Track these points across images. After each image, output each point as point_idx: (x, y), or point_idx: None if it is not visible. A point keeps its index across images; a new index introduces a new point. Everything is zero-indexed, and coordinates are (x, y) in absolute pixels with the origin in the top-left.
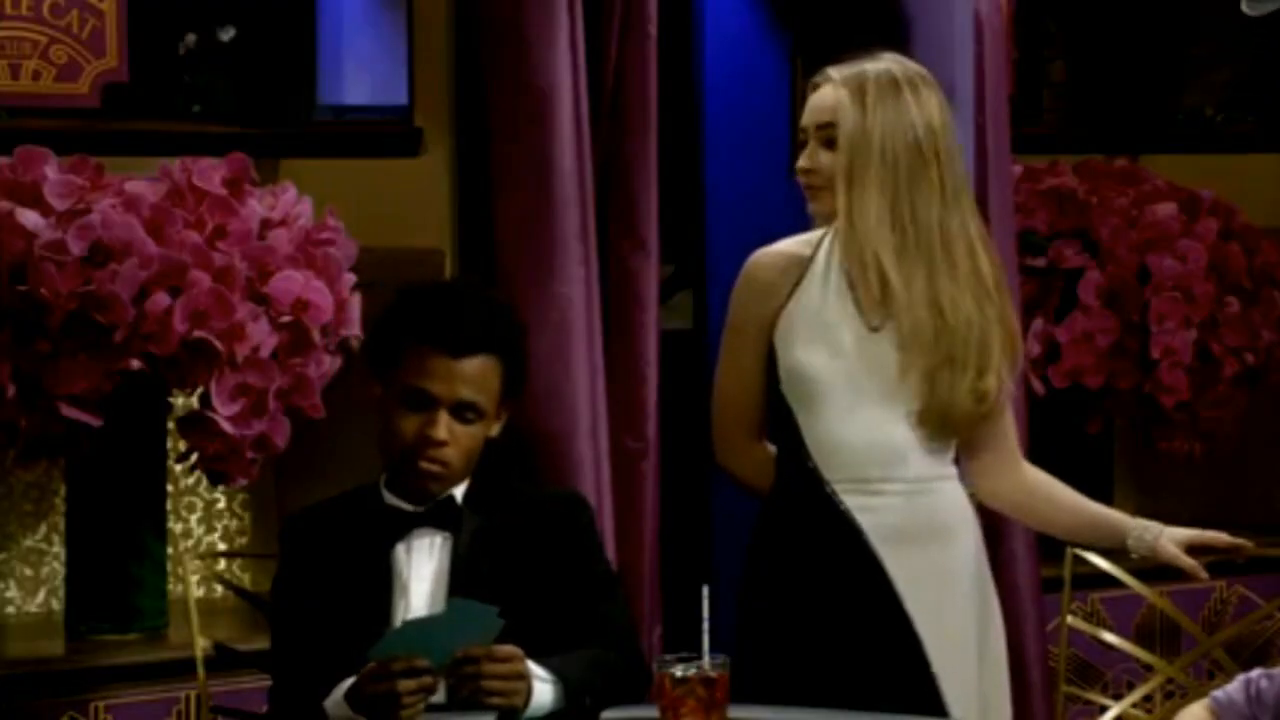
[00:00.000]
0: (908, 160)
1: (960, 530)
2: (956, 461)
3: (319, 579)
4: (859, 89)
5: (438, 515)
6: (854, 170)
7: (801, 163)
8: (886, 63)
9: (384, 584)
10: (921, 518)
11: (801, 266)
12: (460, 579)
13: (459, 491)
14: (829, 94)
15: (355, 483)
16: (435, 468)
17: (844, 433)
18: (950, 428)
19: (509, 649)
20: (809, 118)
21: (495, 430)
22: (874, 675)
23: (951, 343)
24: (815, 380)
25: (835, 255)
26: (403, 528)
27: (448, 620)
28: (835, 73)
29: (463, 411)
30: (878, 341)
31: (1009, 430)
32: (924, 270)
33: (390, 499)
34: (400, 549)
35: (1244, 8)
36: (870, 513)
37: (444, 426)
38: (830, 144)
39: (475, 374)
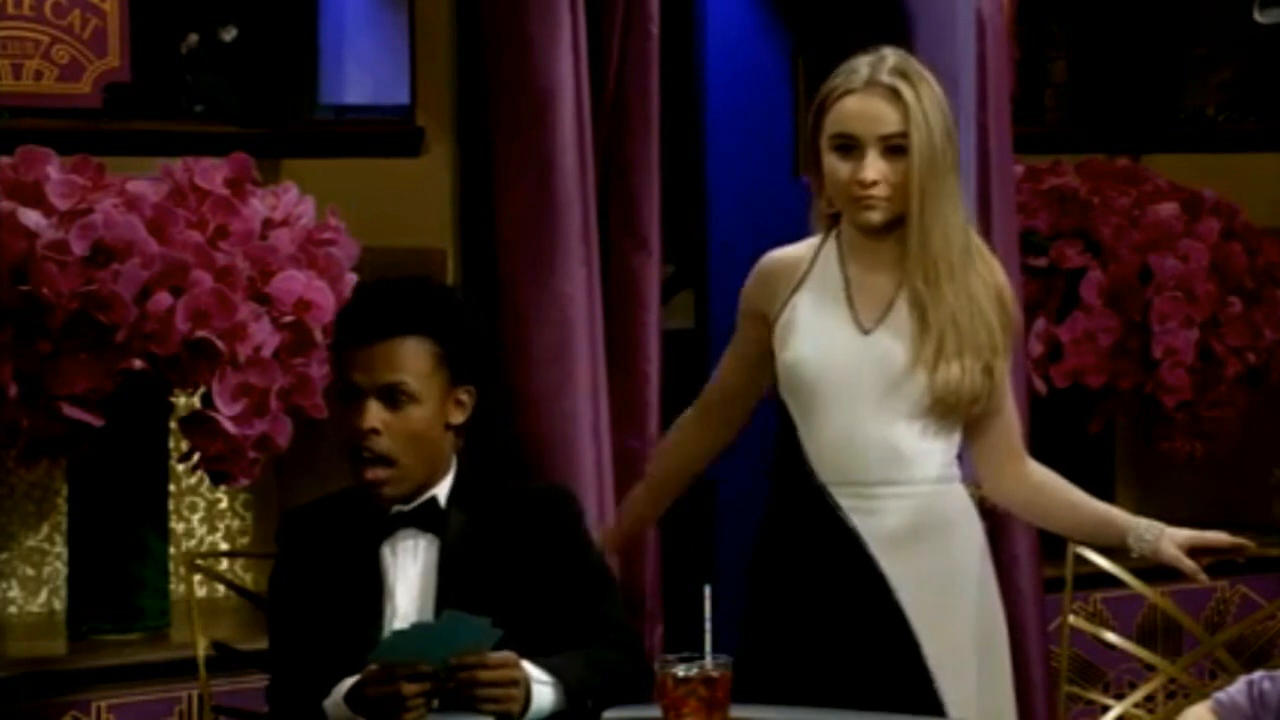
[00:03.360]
0: (953, 145)
1: (961, 533)
2: (961, 461)
3: (312, 577)
4: (915, 89)
5: (421, 516)
6: (926, 177)
7: (868, 175)
8: (901, 54)
9: (373, 585)
10: (920, 521)
11: (802, 269)
12: (449, 581)
13: (442, 492)
14: (884, 101)
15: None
16: (376, 469)
17: (839, 437)
18: (958, 410)
19: (503, 656)
20: (866, 127)
21: (456, 418)
22: (873, 678)
23: (971, 328)
24: (809, 383)
25: (833, 260)
26: (387, 528)
27: (445, 627)
28: (885, 76)
29: (389, 396)
30: (871, 344)
31: (1013, 426)
32: (962, 264)
33: (374, 500)
34: (386, 550)
35: (1256, 16)
36: (868, 516)
37: (372, 414)
38: (896, 151)
39: (393, 357)
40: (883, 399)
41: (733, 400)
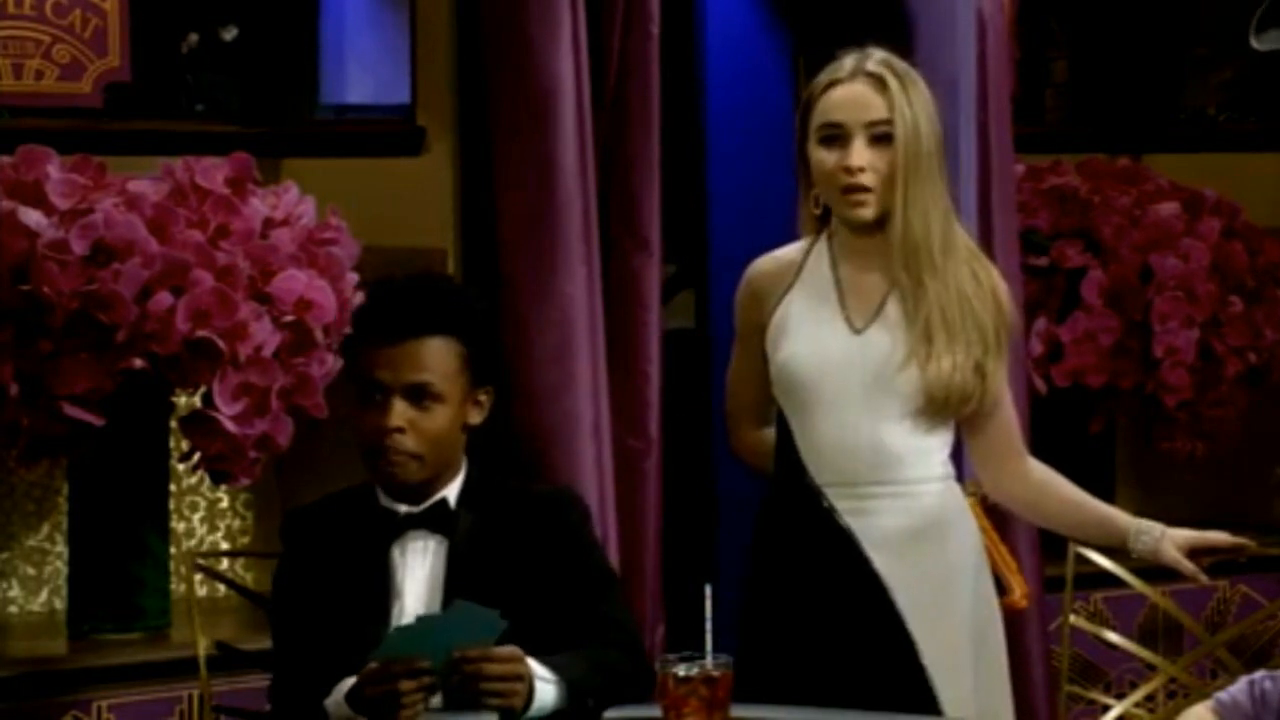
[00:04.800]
0: (940, 150)
1: (956, 533)
2: (959, 461)
3: (318, 577)
4: (900, 81)
5: (431, 518)
6: (910, 167)
7: (854, 161)
8: (887, 53)
9: (380, 586)
10: (915, 522)
11: (792, 272)
12: (456, 581)
13: (452, 493)
14: (870, 89)
15: (359, 482)
16: (397, 459)
17: (832, 436)
18: (949, 408)
19: (508, 650)
20: (852, 114)
21: (474, 418)
22: (870, 678)
23: (961, 324)
24: (802, 383)
25: (824, 261)
26: (397, 529)
27: (450, 622)
28: (871, 66)
29: (416, 395)
30: (863, 344)
31: (1012, 426)
32: (944, 257)
33: (384, 500)
34: (395, 551)
35: (1254, 44)
36: (862, 517)
37: (397, 413)
38: (881, 140)
39: (422, 356)
40: (875, 398)
41: (754, 406)
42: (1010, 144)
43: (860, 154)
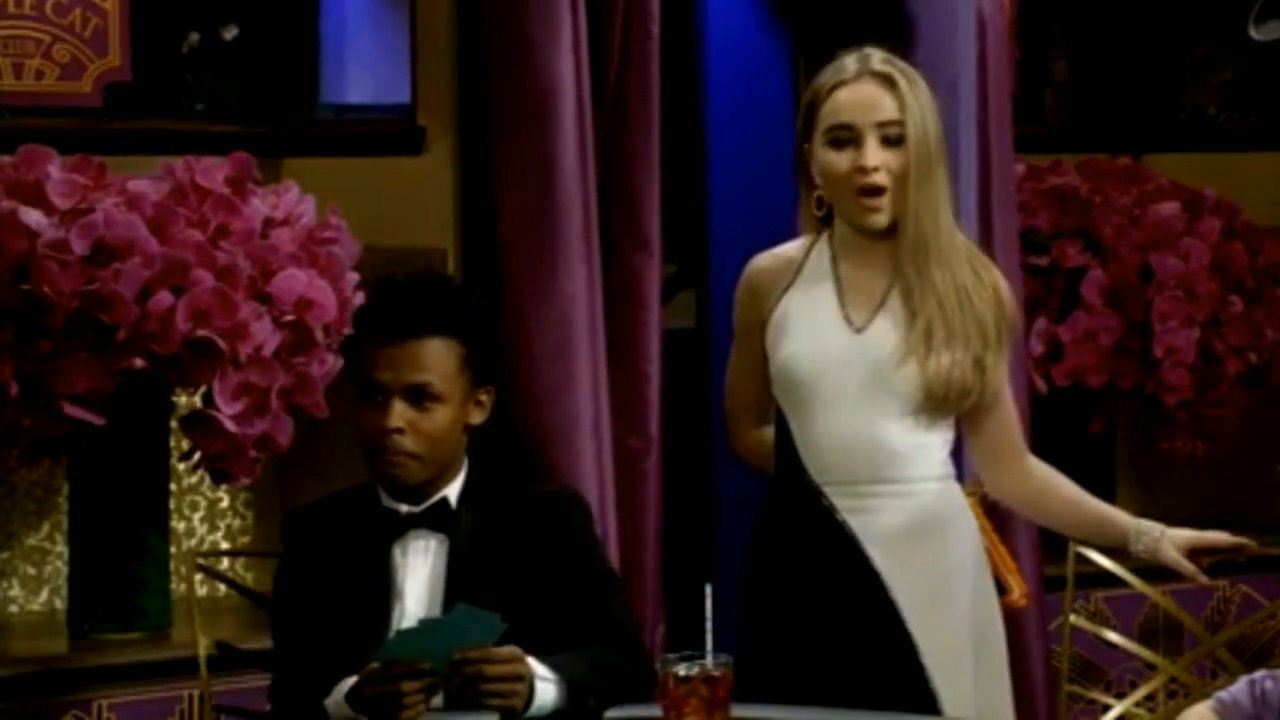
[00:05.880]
0: (943, 149)
1: (956, 531)
2: (959, 460)
3: (319, 577)
4: (908, 80)
5: (433, 517)
6: (921, 166)
7: (869, 161)
8: (887, 53)
9: (381, 586)
10: (915, 520)
11: (793, 270)
12: (457, 581)
13: (453, 493)
14: (880, 89)
15: (360, 482)
16: (397, 459)
17: (832, 434)
18: (948, 404)
19: (508, 650)
20: (863, 115)
21: (476, 418)
22: (869, 677)
23: (960, 319)
24: (802, 381)
25: (825, 259)
26: (398, 529)
27: (451, 624)
28: (877, 65)
29: (416, 396)
30: (863, 342)
31: (1012, 424)
32: (949, 254)
33: (386, 500)
34: (396, 551)
35: (1252, 33)
36: (863, 515)
37: (397, 414)
38: (892, 141)
39: (422, 356)
40: (874, 397)
41: (753, 405)
42: (1010, 144)
43: (874, 154)
